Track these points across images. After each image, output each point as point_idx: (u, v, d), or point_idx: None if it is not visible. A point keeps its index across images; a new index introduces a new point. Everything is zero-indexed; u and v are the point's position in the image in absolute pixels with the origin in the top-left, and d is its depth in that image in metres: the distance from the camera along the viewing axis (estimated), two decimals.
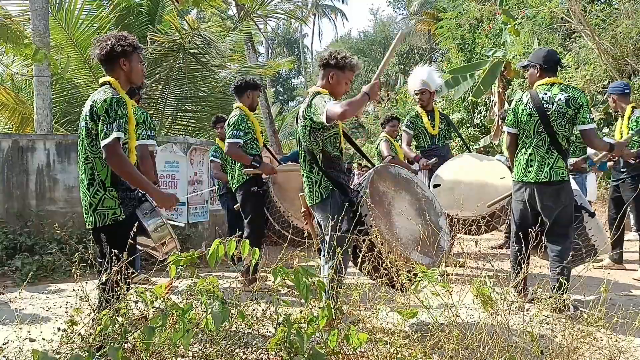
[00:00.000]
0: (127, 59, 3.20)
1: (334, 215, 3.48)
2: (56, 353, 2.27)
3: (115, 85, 3.17)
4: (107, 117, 2.97)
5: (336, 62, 3.71)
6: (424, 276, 2.65)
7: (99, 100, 3.02)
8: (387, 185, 3.92)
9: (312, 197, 3.76)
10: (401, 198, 4.01)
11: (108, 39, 3.18)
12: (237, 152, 5.07)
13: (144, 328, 2.23)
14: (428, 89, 6.19)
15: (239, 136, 5.05)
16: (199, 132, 11.39)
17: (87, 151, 3.10)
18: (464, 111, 16.05)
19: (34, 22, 7.82)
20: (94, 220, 3.08)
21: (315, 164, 3.72)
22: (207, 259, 2.55)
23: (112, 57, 3.17)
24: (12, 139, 6.87)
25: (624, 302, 3.96)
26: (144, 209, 3.16)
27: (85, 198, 3.12)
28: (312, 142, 3.69)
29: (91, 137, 3.07)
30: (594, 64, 10.36)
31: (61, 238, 6.30)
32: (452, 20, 17.09)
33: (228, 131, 5.12)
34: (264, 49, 38.33)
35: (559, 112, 4.02)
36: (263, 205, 5.18)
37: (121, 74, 3.21)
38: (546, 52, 4.25)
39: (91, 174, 3.09)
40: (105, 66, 3.23)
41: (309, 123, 3.67)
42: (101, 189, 3.07)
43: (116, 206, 3.08)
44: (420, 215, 3.99)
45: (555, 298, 2.84)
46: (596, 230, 4.37)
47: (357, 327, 2.61)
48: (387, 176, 4.06)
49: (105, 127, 2.96)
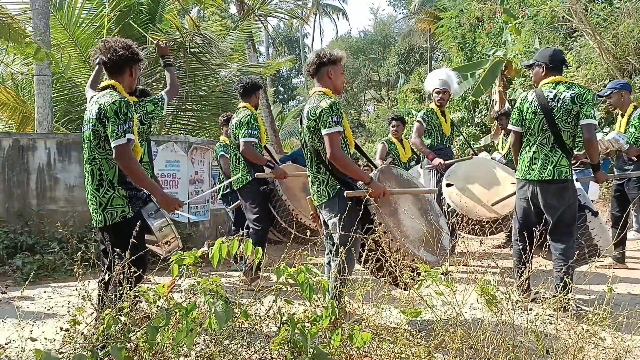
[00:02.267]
0: (135, 67, 3.39)
1: (341, 213, 3.48)
2: (59, 353, 2.26)
3: (120, 89, 3.31)
4: (117, 118, 3.08)
5: (328, 59, 3.77)
6: (427, 275, 2.64)
7: (107, 102, 3.12)
8: (392, 185, 3.92)
9: (320, 197, 3.76)
10: (405, 198, 4.02)
11: (118, 47, 3.29)
12: (254, 152, 5.08)
13: (147, 327, 2.22)
14: (448, 89, 6.22)
15: (254, 135, 5.06)
16: (200, 131, 11.37)
17: (94, 152, 3.20)
18: (464, 110, 16.03)
19: (35, 21, 7.81)
20: (104, 219, 3.19)
21: (322, 163, 3.72)
22: (209, 258, 2.55)
23: (123, 65, 3.32)
24: (13, 138, 6.86)
25: (628, 301, 3.94)
26: (149, 209, 3.24)
27: (94, 199, 3.21)
28: (318, 143, 3.69)
29: (98, 139, 3.18)
30: (595, 63, 10.34)
31: (62, 237, 6.29)
32: (453, 19, 17.07)
33: (242, 130, 5.09)
34: (264, 49, 38.34)
35: (565, 109, 4.01)
36: (269, 203, 5.17)
37: (126, 80, 3.38)
38: (552, 51, 4.25)
39: (99, 175, 3.20)
40: (111, 71, 3.34)
41: (313, 124, 3.66)
42: (110, 188, 3.19)
43: (124, 204, 3.19)
44: (423, 215, 4.00)
45: (560, 297, 2.82)
46: (599, 230, 4.36)
47: (361, 326, 2.60)
48: (391, 176, 4.07)
49: (117, 128, 3.07)
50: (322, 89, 3.77)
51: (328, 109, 3.57)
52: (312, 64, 3.83)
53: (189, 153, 7.57)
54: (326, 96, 3.69)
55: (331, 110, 3.56)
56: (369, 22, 51.68)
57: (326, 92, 3.74)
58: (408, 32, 30.80)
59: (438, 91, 6.20)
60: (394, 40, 36.86)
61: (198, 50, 9.78)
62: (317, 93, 3.78)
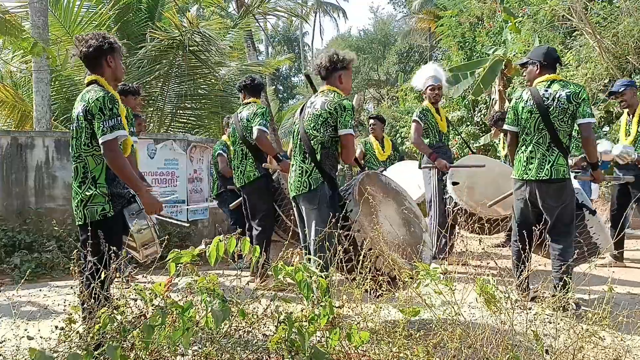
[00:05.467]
0: (113, 56, 3.30)
1: (321, 206, 3.49)
2: (54, 351, 2.24)
3: (103, 83, 3.27)
4: (102, 114, 3.06)
5: (341, 63, 3.80)
6: (426, 275, 2.62)
7: (92, 99, 3.10)
8: (376, 190, 3.92)
9: (299, 187, 3.77)
10: (388, 205, 4.00)
11: (91, 37, 3.25)
12: (267, 141, 5.08)
13: (143, 326, 2.20)
14: (441, 84, 6.15)
15: (267, 126, 5.06)
16: (199, 129, 11.35)
17: (80, 150, 3.18)
18: (464, 109, 16.01)
19: (33, 17, 7.79)
20: (83, 216, 3.16)
21: (309, 154, 3.75)
22: (207, 256, 2.53)
23: (99, 55, 3.25)
24: (11, 135, 6.83)
25: (627, 300, 3.93)
26: (132, 209, 3.20)
27: (77, 195, 3.19)
28: (318, 133, 3.71)
29: (85, 136, 3.15)
30: (595, 62, 10.32)
31: (60, 235, 6.26)
32: (453, 18, 17.04)
33: (257, 119, 5.09)
34: (263, 47, 38.29)
35: (561, 108, 3.98)
36: (274, 202, 5.16)
37: (107, 71, 3.31)
38: (546, 50, 4.22)
39: (83, 172, 3.17)
40: (90, 64, 3.30)
41: (326, 115, 3.69)
42: (92, 186, 3.15)
43: (105, 202, 3.14)
44: (405, 226, 3.98)
45: (560, 297, 2.81)
46: (598, 228, 4.35)
47: (359, 326, 2.59)
48: (377, 182, 4.08)
49: (102, 125, 3.05)
50: (334, 87, 3.83)
51: (350, 110, 3.68)
52: (323, 68, 3.85)
53: (188, 151, 7.55)
54: (342, 95, 3.77)
55: (352, 112, 3.70)
56: (369, 20, 51.49)
57: (339, 92, 3.81)
58: (408, 31, 30.78)
59: (432, 88, 6.11)
60: (394, 39, 36.84)
61: (197, 48, 9.77)
62: (329, 90, 3.83)
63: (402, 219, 4.00)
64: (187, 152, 7.53)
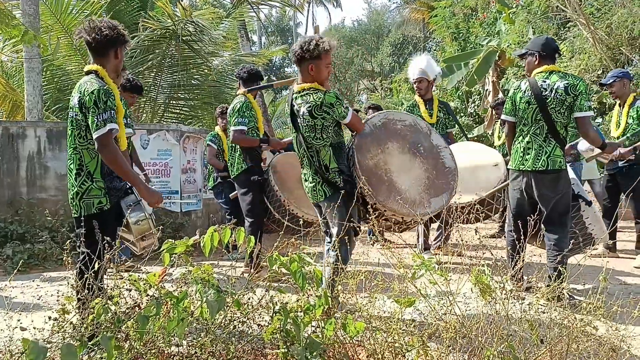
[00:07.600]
0: (121, 48, 3.23)
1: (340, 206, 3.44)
2: (47, 342, 2.22)
3: (102, 74, 3.17)
4: (96, 108, 2.99)
5: (310, 53, 3.57)
6: (421, 265, 2.62)
7: (87, 92, 3.03)
8: (374, 153, 3.76)
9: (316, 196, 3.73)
10: (391, 153, 3.84)
11: (105, 26, 3.14)
12: (244, 138, 5.04)
13: (138, 317, 2.19)
14: (426, 77, 6.08)
15: (244, 123, 5.01)
16: (192, 120, 11.30)
17: (76, 141, 3.14)
18: (457, 100, 16.00)
19: (24, 6, 7.71)
20: (79, 209, 3.12)
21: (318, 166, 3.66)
22: (201, 246, 2.52)
23: (109, 45, 3.16)
24: (3, 125, 6.77)
25: (620, 290, 3.95)
26: (129, 201, 3.16)
27: (72, 187, 3.16)
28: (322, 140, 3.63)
29: (80, 129, 3.11)
30: (588, 53, 10.34)
31: (52, 226, 6.25)
32: (447, 9, 16.98)
33: (233, 118, 5.06)
34: (257, 38, 38.08)
35: (558, 100, 3.97)
36: (263, 194, 5.14)
37: (112, 62, 3.22)
38: (544, 40, 4.21)
39: (79, 164, 3.14)
40: (96, 52, 3.19)
41: (321, 121, 3.58)
42: (88, 179, 3.12)
43: (102, 195, 3.11)
44: (415, 154, 3.88)
45: (554, 287, 2.82)
46: (593, 219, 4.36)
47: (354, 316, 2.58)
48: (369, 144, 3.81)
49: (96, 119, 2.99)
50: (309, 84, 3.65)
51: (337, 100, 3.57)
52: (293, 54, 3.66)
53: (181, 142, 7.51)
54: (319, 91, 3.61)
55: (340, 100, 3.61)
56: (363, 11, 51.31)
57: (315, 86, 3.64)
58: (402, 22, 30.69)
59: (414, 81, 6.16)
60: (388, 30, 36.72)
61: (190, 38, 9.70)
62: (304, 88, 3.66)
63: (409, 151, 3.88)
64: (180, 142, 7.49)
